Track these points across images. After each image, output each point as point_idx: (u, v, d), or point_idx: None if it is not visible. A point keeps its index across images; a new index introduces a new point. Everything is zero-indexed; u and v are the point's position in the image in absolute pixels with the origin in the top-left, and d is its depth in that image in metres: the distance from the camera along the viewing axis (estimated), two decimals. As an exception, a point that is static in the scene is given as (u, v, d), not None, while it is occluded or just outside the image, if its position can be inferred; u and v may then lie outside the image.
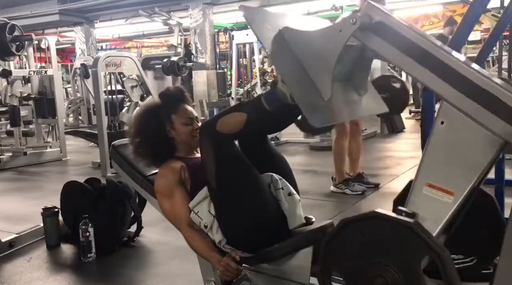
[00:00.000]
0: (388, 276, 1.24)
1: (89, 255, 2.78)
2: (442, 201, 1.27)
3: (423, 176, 1.31)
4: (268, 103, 1.62)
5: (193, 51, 9.91)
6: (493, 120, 1.18)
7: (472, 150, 1.24)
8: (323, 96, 1.36)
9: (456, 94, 1.22)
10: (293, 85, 1.43)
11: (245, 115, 1.66)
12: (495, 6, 5.25)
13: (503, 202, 3.03)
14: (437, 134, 1.30)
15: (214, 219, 1.78)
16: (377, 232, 1.26)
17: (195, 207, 1.82)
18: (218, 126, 1.69)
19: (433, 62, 1.23)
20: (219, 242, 1.77)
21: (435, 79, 1.24)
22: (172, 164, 1.94)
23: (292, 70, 1.42)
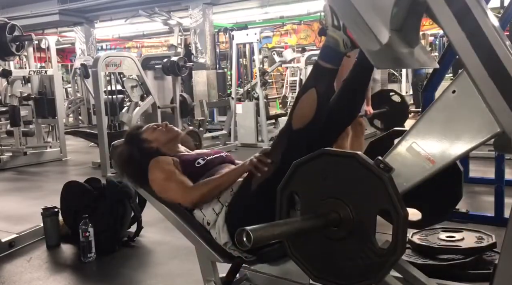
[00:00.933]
0: (343, 213, 1.29)
1: (89, 255, 2.78)
2: (420, 165, 1.30)
3: (413, 135, 1.33)
4: (325, 59, 1.53)
5: (193, 51, 9.91)
6: (503, 109, 1.18)
7: (469, 128, 1.25)
8: (381, 40, 1.30)
9: (481, 69, 1.19)
10: (351, 24, 1.36)
11: (313, 89, 1.55)
12: (495, 6, 5.26)
13: (503, 202, 3.04)
14: (443, 101, 1.30)
15: (217, 217, 1.77)
16: (350, 171, 1.29)
17: None
18: (294, 123, 1.59)
19: (473, 28, 1.20)
20: (225, 243, 1.77)
21: (468, 46, 1.20)
22: (162, 157, 1.98)
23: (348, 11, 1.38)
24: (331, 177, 1.33)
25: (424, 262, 2.27)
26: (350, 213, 1.28)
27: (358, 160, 1.27)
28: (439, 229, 2.49)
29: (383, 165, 1.26)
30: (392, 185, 1.22)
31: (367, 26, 1.33)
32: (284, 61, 10.15)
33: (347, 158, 1.30)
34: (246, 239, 1.14)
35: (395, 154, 1.35)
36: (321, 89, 1.55)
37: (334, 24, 1.48)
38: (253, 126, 7.11)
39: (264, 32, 12.36)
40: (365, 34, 1.33)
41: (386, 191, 1.22)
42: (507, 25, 3.73)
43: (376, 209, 1.26)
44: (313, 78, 1.59)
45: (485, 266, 2.25)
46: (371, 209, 1.26)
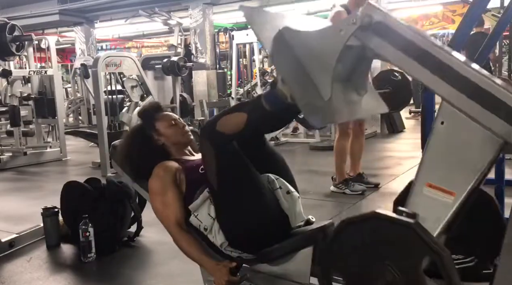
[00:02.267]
0: (389, 277, 1.24)
1: (89, 255, 2.78)
2: (442, 201, 1.27)
3: (423, 177, 1.31)
4: (268, 103, 1.60)
5: (193, 51, 9.90)
6: (493, 120, 1.18)
7: (472, 150, 1.24)
8: (323, 96, 1.36)
9: (456, 94, 1.22)
10: (293, 85, 1.43)
11: (245, 115, 1.65)
12: (495, 6, 5.26)
13: (503, 202, 3.04)
14: (437, 134, 1.29)
15: (214, 222, 1.78)
16: (378, 232, 1.26)
17: (195, 211, 1.82)
18: (218, 127, 1.69)
19: (434, 62, 1.23)
20: (221, 244, 1.77)
21: (435, 79, 1.24)
22: (167, 163, 1.95)
23: (292, 70, 1.42)
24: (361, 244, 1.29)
25: (424, 262, 2.26)
26: (395, 274, 1.24)
27: (378, 217, 1.25)
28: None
29: (405, 213, 1.23)
30: (422, 229, 1.19)
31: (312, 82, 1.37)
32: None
33: (368, 220, 1.28)
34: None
35: (413, 200, 1.32)
36: (251, 119, 1.64)
37: (283, 79, 1.53)
38: (253, 126, 7.10)
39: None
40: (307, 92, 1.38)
41: (419, 237, 1.18)
42: (507, 25, 3.73)
43: (418, 261, 1.21)
44: (251, 107, 1.68)
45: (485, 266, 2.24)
46: (413, 262, 1.21)
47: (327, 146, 6.17)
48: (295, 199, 1.82)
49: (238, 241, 1.77)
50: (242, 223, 1.74)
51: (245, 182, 1.73)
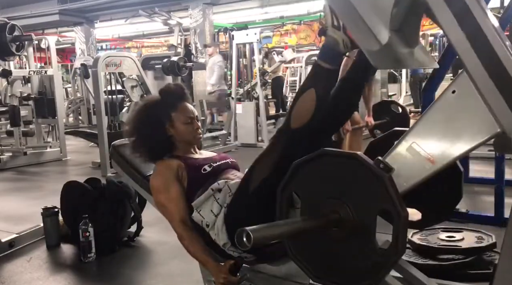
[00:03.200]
0: (344, 213, 1.28)
1: (89, 255, 2.78)
2: (420, 164, 1.30)
3: (413, 135, 1.33)
4: (324, 60, 1.52)
5: (193, 51, 9.91)
6: (503, 108, 1.17)
7: (469, 128, 1.25)
8: (380, 40, 1.30)
9: (481, 69, 1.18)
10: (350, 24, 1.36)
11: (312, 89, 1.54)
12: (495, 6, 5.26)
13: (503, 202, 3.04)
14: (443, 101, 1.30)
15: (216, 219, 1.76)
16: (350, 171, 1.28)
17: (198, 207, 1.81)
18: (292, 122, 1.57)
19: (473, 29, 1.19)
20: (224, 244, 1.75)
21: (467, 46, 1.19)
22: (168, 161, 1.93)
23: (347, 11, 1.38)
24: (331, 178, 1.33)
25: (424, 262, 2.27)
26: (350, 213, 1.28)
27: (358, 160, 1.26)
28: (439, 229, 2.49)
29: (383, 165, 1.25)
30: (392, 185, 1.22)
31: (367, 26, 1.33)
32: (284, 61, 10.15)
33: (347, 158, 1.30)
34: (246, 240, 1.14)
35: (395, 154, 1.35)
36: (319, 89, 1.54)
37: (334, 25, 1.47)
38: (253, 126, 7.11)
39: (264, 32, 12.36)
40: (364, 35, 1.32)
41: (386, 191, 1.21)
42: (507, 25, 3.73)
43: (376, 209, 1.26)
44: (312, 78, 1.58)
45: (485, 266, 2.25)
46: (371, 209, 1.26)
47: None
48: None
49: None
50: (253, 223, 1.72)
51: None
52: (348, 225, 1.28)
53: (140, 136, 1.98)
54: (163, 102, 1.99)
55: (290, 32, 16.22)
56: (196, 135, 1.98)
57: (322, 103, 1.55)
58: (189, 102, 2.04)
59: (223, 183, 1.81)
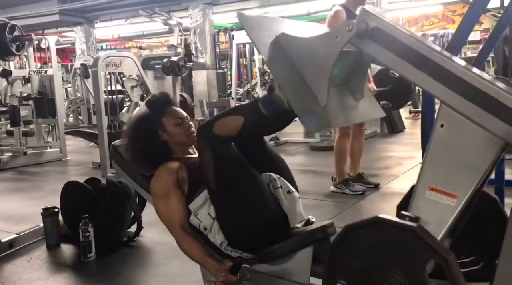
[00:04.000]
0: (394, 281, 1.24)
1: (89, 255, 2.78)
2: (445, 204, 1.26)
3: (425, 180, 1.31)
4: (265, 108, 1.62)
5: (193, 51, 9.90)
6: (493, 122, 1.18)
7: (473, 151, 1.24)
8: (320, 102, 1.36)
9: (455, 96, 1.22)
10: (289, 91, 1.44)
11: (242, 119, 1.67)
12: (495, 6, 5.26)
13: (503, 202, 3.04)
14: (437, 137, 1.30)
15: (214, 221, 1.78)
16: (381, 237, 1.25)
17: (195, 211, 1.82)
18: (215, 129, 1.71)
19: (430, 66, 1.23)
20: (221, 244, 1.77)
21: (433, 82, 1.24)
22: (169, 164, 1.94)
23: (288, 76, 1.43)
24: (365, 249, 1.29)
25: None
26: (400, 278, 1.23)
27: (382, 222, 1.24)
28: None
29: (408, 217, 1.23)
30: (426, 233, 1.18)
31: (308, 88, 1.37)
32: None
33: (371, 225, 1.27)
34: None
35: (416, 204, 1.32)
36: (247, 123, 1.67)
37: (280, 85, 1.54)
38: (253, 126, 7.10)
39: (264, 32, 12.32)
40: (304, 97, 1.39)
41: (422, 240, 1.17)
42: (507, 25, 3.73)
43: (423, 265, 1.20)
44: (247, 111, 1.72)
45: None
46: (417, 266, 1.21)
47: (327, 146, 6.17)
48: (295, 199, 1.82)
49: (238, 241, 1.77)
50: (241, 222, 1.74)
51: (244, 182, 1.73)
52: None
53: (137, 149, 2.03)
54: (151, 112, 2.05)
55: (290, 32, 16.19)
56: (190, 134, 2.01)
57: (246, 133, 1.70)
58: (176, 106, 2.10)
59: None
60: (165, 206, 1.89)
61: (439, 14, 13.84)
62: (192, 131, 2.03)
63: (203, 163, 1.77)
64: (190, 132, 2.01)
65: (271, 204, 1.77)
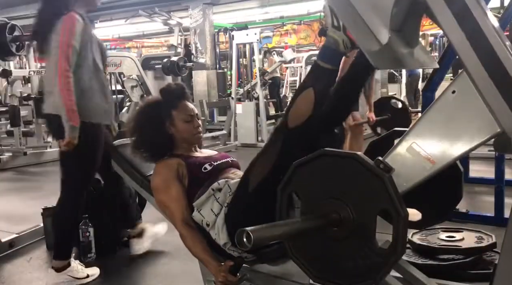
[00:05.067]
0: (343, 214, 1.28)
1: (89, 255, 2.77)
2: (420, 165, 1.30)
3: (413, 136, 1.33)
4: (324, 60, 1.52)
5: (193, 51, 9.91)
6: (503, 109, 1.17)
7: (469, 128, 1.25)
8: (381, 40, 1.31)
9: (481, 69, 1.19)
10: (352, 27, 1.36)
11: (311, 89, 1.53)
12: (495, 6, 5.26)
13: (503, 202, 3.04)
14: (443, 101, 1.30)
15: (216, 218, 1.76)
16: (350, 172, 1.28)
17: (199, 207, 1.81)
18: (290, 121, 1.56)
19: (473, 28, 1.19)
20: (224, 244, 1.75)
21: (467, 46, 1.19)
22: (168, 160, 1.93)
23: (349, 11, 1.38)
24: (331, 178, 1.32)
25: (424, 262, 2.27)
26: (350, 213, 1.28)
27: (358, 160, 1.26)
28: (439, 229, 2.49)
29: (383, 165, 1.25)
30: (392, 185, 1.22)
31: (367, 26, 1.33)
32: (284, 61, 10.16)
33: (347, 158, 1.29)
34: (246, 240, 1.14)
35: (395, 154, 1.35)
36: (319, 89, 1.53)
37: (334, 25, 1.47)
38: (253, 126, 7.11)
39: (264, 32, 12.37)
40: (365, 35, 1.33)
41: (386, 191, 1.21)
42: (507, 25, 3.73)
43: (376, 209, 1.26)
44: (312, 78, 1.58)
45: (485, 266, 2.25)
46: (371, 209, 1.26)
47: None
48: None
49: None
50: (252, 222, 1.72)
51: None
52: (348, 225, 1.28)
53: (141, 135, 1.98)
54: (163, 101, 2.00)
55: (290, 32, 16.24)
56: (196, 134, 1.99)
57: (321, 103, 1.55)
58: (189, 101, 2.05)
59: (223, 182, 1.81)
60: (167, 199, 1.87)
61: (439, 14, 13.82)
62: (199, 131, 2.01)
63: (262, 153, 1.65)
64: (197, 131, 1.99)
65: None
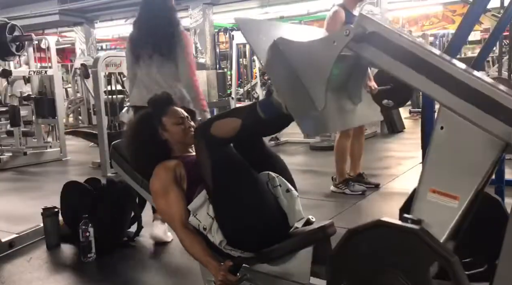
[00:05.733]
0: (398, 283, 1.24)
1: (89, 255, 2.77)
2: (447, 206, 1.27)
3: (426, 182, 1.31)
4: (263, 111, 1.64)
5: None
6: (493, 123, 1.18)
7: (474, 153, 1.24)
8: (317, 106, 1.37)
9: (454, 99, 1.22)
10: (287, 95, 1.44)
11: (239, 121, 1.69)
12: (495, 6, 5.26)
13: (503, 202, 3.03)
14: (437, 139, 1.30)
15: (213, 221, 1.78)
16: (384, 240, 1.25)
17: (195, 211, 1.82)
18: (212, 130, 1.72)
19: (429, 68, 1.23)
20: (220, 243, 1.77)
21: (432, 85, 1.24)
22: (166, 163, 1.96)
23: (286, 80, 1.44)
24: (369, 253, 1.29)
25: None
26: (403, 281, 1.23)
27: (384, 225, 1.24)
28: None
29: (410, 220, 1.23)
30: (428, 235, 1.18)
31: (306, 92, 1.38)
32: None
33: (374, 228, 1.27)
34: None
35: (418, 206, 1.32)
36: (246, 125, 1.68)
37: (277, 89, 1.54)
38: (253, 126, 7.10)
39: (264, 32, 12.34)
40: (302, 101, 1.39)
41: (425, 243, 1.17)
42: (507, 25, 3.72)
43: (426, 267, 1.20)
44: (245, 113, 1.72)
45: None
46: (420, 268, 1.21)
47: (327, 146, 6.16)
48: (294, 197, 1.82)
49: (237, 239, 1.77)
50: (240, 221, 1.74)
51: (242, 181, 1.74)
52: None
53: (137, 147, 2.06)
54: (152, 111, 2.09)
55: (290, 32, 16.19)
56: (190, 134, 2.04)
57: (243, 135, 1.72)
58: (177, 106, 2.14)
59: None
60: (165, 203, 1.90)
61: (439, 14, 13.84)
62: (192, 131, 2.05)
63: (201, 163, 1.78)
64: (189, 131, 2.04)
65: (270, 203, 1.77)
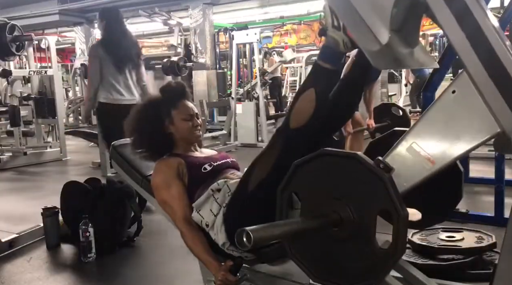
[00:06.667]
0: (344, 214, 1.28)
1: (89, 255, 2.77)
2: (420, 165, 1.31)
3: (413, 136, 1.33)
4: (324, 60, 1.52)
5: (193, 51, 9.90)
6: (503, 109, 1.17)
7: (469, 128, 1.25)
8: (381, 40, 1.31)
9: (481, 69, 1.18)
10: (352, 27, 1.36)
11: (312, 89, 1.53)
12: (495, 6, 5.27)
13: (503, 202, 3.04)
14: (443, 101, 1.31)
15: (215, 218, 1.76)
16: (350, 171, 1.28)
17: (198, 208, 1.81)
18: (291, 122, 1.56)
19: (473, 28, 1.18)
20: (223, 244, 1.75)
21: (467, 46, 1.18)
22: (168, 159, 1.94)
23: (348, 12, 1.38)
24: (331, 178, 1.33)
25: (424, 262, 2.27)
26: (351, 214, 1.28)
27: (358, 160, 1.26)
28: (439, 229, 2.49)
29: (383, 165, 1.25)
30: (393, 185, 1.22)
31: (367, 26, 1.33)
32: (284, 61, 10.16)
33: (347, 158, 1.30)
34: (246, 240, 1.14)
35: (395, 154, 1.35)
36: (319, 89, 1.53)
37: (334, 25, 1.47)
38: (253, 126, 7.11)
39: (264, 32, 12.36)
40: (365, 35, 1.33)
41: (387, 191, 1.21)
42: (507, 25, 3.73)
43: (377, 210, 1.26)
44: (312, 78, 1.58)
45: (485, 266, 2.25)
46: (371, 209, 1.26)
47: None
48: None
49: None
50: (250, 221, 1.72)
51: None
52: (348, 226, 1.28)
53: (141, 134, 1.99)
54: (163, 100, 2.01)
55: (290, 32, 16.22)
56: (195, 133, 1.99)
57: (322, 103, 1.54)
58: (189, 100, 2.05)
59: (222, 183, 1.81)
60: (168, 196, 1.87)
61: (439, 14, 13.81)
62: (198, 130, 2.01)
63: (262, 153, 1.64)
64: (196, 130, 1.99)
65: None
